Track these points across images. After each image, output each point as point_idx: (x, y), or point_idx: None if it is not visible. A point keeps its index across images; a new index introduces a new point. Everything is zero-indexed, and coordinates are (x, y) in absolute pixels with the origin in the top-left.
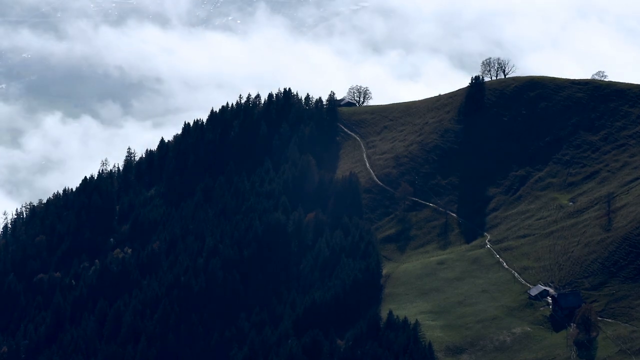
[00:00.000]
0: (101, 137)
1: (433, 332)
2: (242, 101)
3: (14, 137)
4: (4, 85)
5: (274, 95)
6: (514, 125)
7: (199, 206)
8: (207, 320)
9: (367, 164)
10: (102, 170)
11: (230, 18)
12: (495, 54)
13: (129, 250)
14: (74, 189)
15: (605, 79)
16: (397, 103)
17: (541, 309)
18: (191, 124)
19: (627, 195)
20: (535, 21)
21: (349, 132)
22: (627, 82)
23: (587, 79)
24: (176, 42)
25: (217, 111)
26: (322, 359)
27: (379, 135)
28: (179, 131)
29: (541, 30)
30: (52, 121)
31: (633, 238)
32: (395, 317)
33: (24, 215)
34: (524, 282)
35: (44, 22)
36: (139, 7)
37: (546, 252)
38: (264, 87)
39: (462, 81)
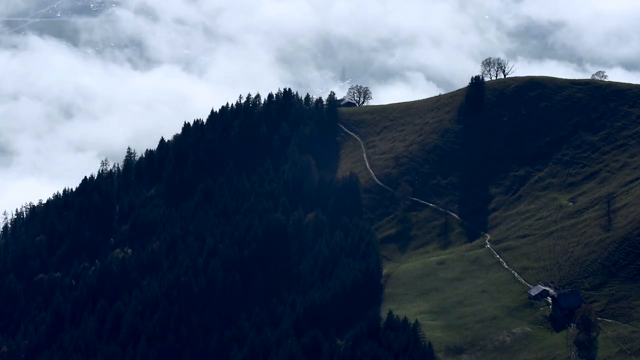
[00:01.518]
0: None
1: (433, 332)
2: (242, 101)
3: None
4: None
5: (274, 95)
6: (514, 125)
7: (199, 206)
8: (207, 320)
9: (367, 164)
10: (102, 170)
11: None
12: None
13: (129, 250)
14: (74, 189)
15: (605, 79)
16: (397, 103)
17: (541, 309)
18: (191, 124)
19: (627, 195)
20: None
21: (349, 132)
22: (627, 82)
23: (587, 79)
24: None
25: (217, 111)
26: (322, 359)
27: (379, 135)
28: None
29: None
30: None
31: (633, 238)
32: (395, 317)
33: (24, 215)
34: (524, 282)
35: None
36: None
37: (546, 252)
38: None
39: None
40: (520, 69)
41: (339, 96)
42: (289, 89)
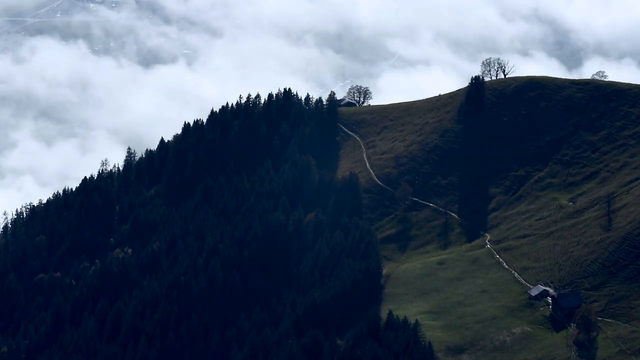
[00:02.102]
0: None
1: (433, 332)
2: (242, 101)
3: None
4: None
5: (274, 95)
6: (514, 125)
7: (199, 206)
8: (207, 320)
9: (367, 164)
10: (102, 170)
11: None
12: None
13: (129, 250)
14: (74, 189)
15: (605, 79)
16: (397, 103)
17: (541, 309)
18: (191, 124)
19: (627, 195)
20: None
21: (349, 132)
22: (627, 82)
23: (587, 79)
24: None
25: (217, 111)
26: (322, 359)
27: (379, 135)
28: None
29: None
30: None
31: (633, 238)
32: (395, 317)
33: (24, 215)
34: (524, 282)
35: None
36: None
37: (546, 252)
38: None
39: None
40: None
41: (339, 96)
42: (289, 88)
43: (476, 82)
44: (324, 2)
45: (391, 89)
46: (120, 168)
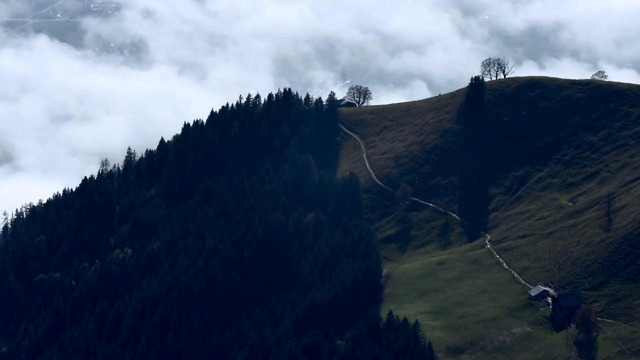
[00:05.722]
0: None
1: (433, 332)
2: (242, 101)
3: None
4: None
5: (274, 95)
6: (514, 125)
7: (199, 206)
8: (207, 320)
9: (367, 164)
10: (102, 170)
11: None
12: None
13: (129, 251)
14: (74, 189)
15: (605, 79)
16: (397, 103)
17: (541, 309)
18: (191, 124)
19: (627, 195)
20: None
21: (349, 132)
22: (627, 82)
23: (587, 79)
24: None
25: (217, 111)
26: (322, 359)
27: (378, 135)
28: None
29: None
30: None
31: (633, 238)
32: (395, 317)
33: (24, 215)
34: (524, 282)
35: None
36: None
37: (546, 252)
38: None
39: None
40: (528, 71)
41: (339, 96)
42: (289, 89)
43: (476, 82)
44: (326, 17)
45: None
46: (120, 168)
